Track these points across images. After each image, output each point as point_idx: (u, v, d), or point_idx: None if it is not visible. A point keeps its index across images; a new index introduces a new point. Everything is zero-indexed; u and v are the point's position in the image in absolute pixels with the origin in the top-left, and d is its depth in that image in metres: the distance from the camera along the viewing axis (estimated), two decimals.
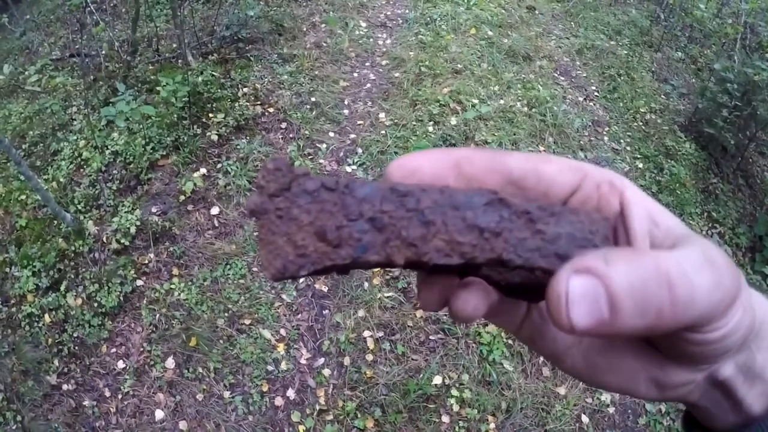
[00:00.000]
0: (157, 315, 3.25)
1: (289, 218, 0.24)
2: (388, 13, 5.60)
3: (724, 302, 0.26)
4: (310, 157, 3.99)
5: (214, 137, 3.99)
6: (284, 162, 0.24)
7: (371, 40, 5.15)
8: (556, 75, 5.11)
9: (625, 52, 5.76)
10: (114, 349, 3.18)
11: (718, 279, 0.25)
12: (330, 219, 0.24)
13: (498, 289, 0.30)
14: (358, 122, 4.28)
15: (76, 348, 3.20)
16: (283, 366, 3.11)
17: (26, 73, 3.62)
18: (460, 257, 0.24)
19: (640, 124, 4.99)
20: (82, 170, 3.90)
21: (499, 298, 0.32)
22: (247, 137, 4.04)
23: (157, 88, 3.84)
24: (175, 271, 3.42)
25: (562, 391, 3.12)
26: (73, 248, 3.47)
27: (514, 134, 4.22)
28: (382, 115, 4.33)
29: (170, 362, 3.12)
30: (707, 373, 0.32)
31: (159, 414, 2.97)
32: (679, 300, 0.24)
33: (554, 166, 0.31)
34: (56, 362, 3.17)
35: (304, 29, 5.18)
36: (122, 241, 3.45)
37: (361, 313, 3.29)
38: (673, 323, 0.24)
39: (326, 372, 3.11)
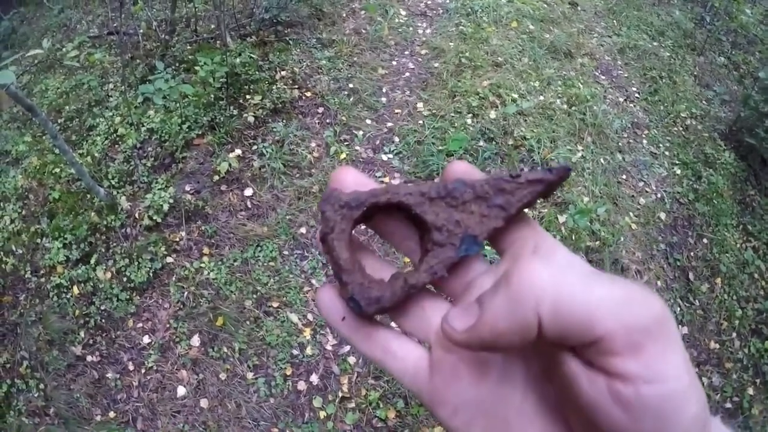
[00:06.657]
0: (186, 293, 3.24)
1: None
2: (429, 2, 5.52)
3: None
4: (346, 143, 3.94)
5: (251, 119, 3.96)
6: None
7: (411, 28, 5.08)
8: (597, 73, 5.00)
9: (668, 54, 5.61)
10: (140, 324, 3.18)
11: None
12: None
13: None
14: (396, 111, 4.22)
15: (103, 321, 3.21)
16: (308, 351, 3.08)
17: (64, 49, 3.62)
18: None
19: (680, 129, 4.86)
20: (117, 146, 3.91)
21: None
22: (284, 120, 4.00)
23: (195, 68, 3.83)
24: (206, 250, 3.40)
25: None
26: (105, 222, 3.47)
27: (553, 131, 4.13)
28: (420, 104, 4.26)
29: (195, 340, 3.11)
30: None
31: (181, 390, 2.96)
32: None
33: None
34: (82, 334, 3.19)
35: (344, 15, 5.13)
36: (154, 217, 3.45)
37: None
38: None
39: (351, 360, 3.07)
